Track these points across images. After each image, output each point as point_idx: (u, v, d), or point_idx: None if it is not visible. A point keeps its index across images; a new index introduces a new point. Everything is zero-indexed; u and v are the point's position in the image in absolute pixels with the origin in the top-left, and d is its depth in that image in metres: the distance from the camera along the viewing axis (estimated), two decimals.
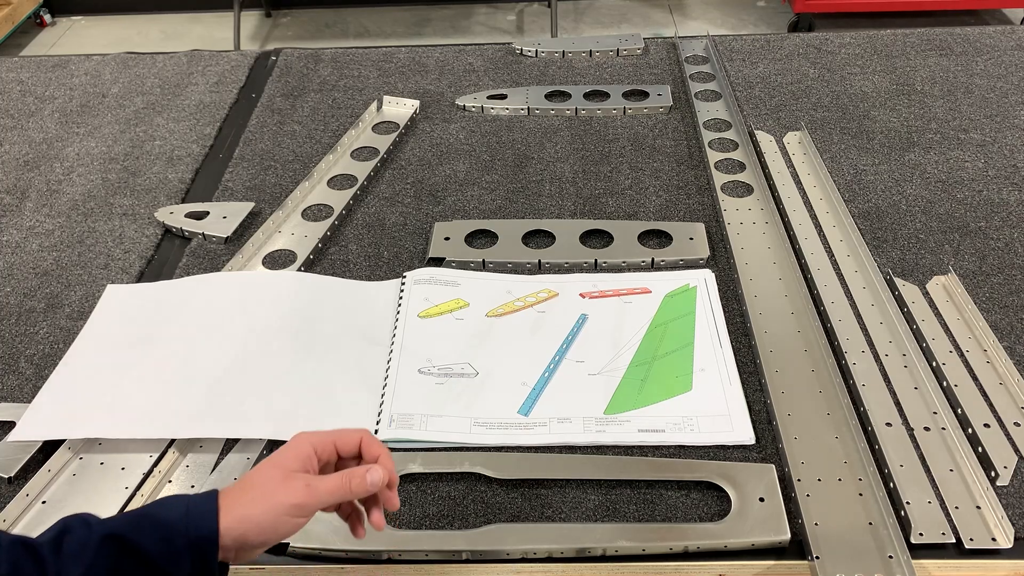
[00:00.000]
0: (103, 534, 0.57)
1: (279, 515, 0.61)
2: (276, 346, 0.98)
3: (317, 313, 1.03)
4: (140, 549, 0.57)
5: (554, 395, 0.92)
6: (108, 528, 0.58)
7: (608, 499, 0.82)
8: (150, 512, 0.60)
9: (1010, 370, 0.92)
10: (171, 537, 0.58)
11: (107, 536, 0.57)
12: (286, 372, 0.95)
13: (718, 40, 1.60)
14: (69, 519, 0.59)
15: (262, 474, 0.63)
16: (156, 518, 0.59)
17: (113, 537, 0.57)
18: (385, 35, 3.42)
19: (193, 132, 1.40)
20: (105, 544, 0.57)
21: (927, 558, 0.76)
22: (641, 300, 1.03)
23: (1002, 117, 1.35)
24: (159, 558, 0.58)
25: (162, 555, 0.58)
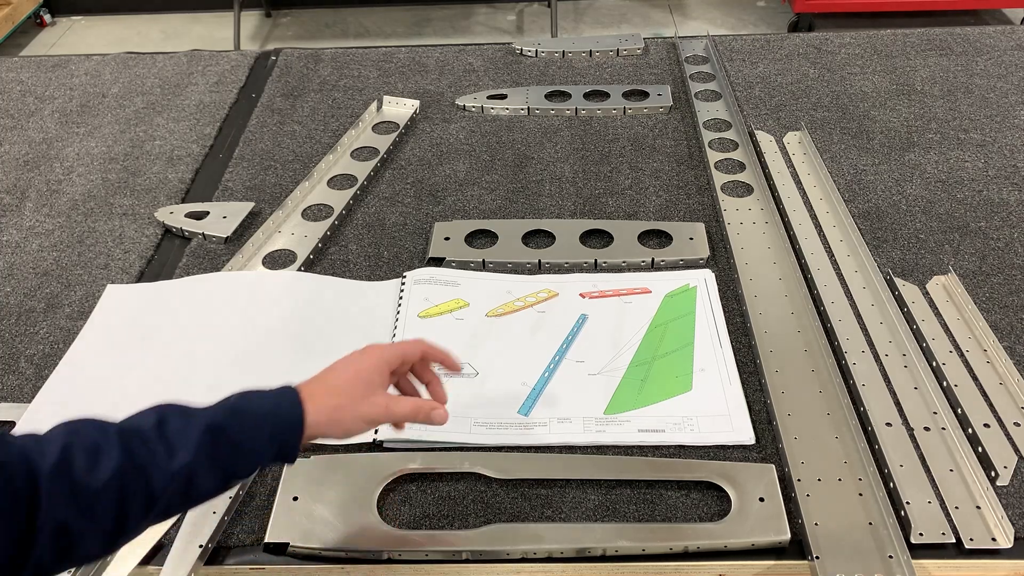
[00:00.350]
0: (204, 425, 0.62)
1: (356, 423, 0.70)
2: (276, 346, 0.98)
3: (317, 313, 1.03)
4: (234, 439, 0.63)
5: (554, 395, 0.92)
6: (208, 419, 0.63)
7: (608, 499, 0.82)
8: (241, 407, 0.66)
9: (1010, 370, 0.92)
10: (261, 428, 0.65)
11: (208, 426, 0.62)
12: (286, 372, 0.95)
13: (718, 40, 1.60)
14: (162, 408, 0.64)
15: (347, 383, 0.71)
16: (248, 410, 0.66)
17: (213, 428, 0.63)
18: (385, 35, 3.42)
19: (193, 132, 1.40)
20: (206, 434, 0.62)
21: (927, 558, 0.76)
22: (641, 300, 1.03)
23: (1002, 117, 1.35)
24: (250, 447, 0.65)
25: (253, 445, 0.65)
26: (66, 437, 0.58)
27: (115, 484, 0.58)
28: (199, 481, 0.62)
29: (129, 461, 0.59)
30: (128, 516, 0.59)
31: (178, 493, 0.61)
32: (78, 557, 0.58)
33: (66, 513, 0.56)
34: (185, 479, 0.61)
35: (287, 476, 0.83)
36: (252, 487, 0.84)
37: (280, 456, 0.67)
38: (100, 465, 0.57)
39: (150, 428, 0.61)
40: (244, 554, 0.79)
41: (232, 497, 0.81)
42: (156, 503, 0.60)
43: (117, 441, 0.59)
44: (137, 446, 0.60)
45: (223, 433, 0.63)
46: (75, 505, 0.56)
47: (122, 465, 0.58)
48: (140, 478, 0.59)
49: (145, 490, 0.59)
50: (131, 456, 0.59)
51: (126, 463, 0.58)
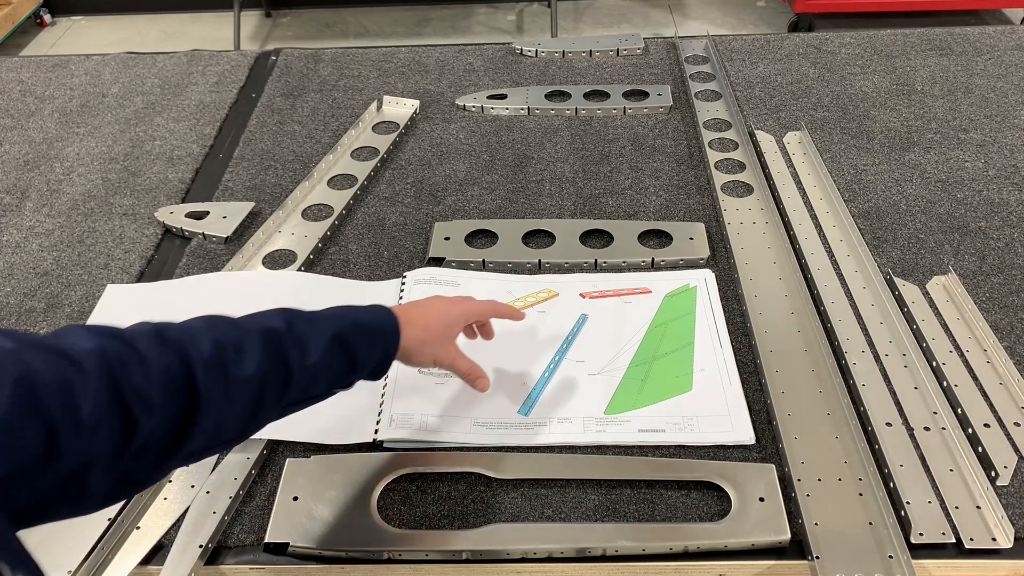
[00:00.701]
0: (331, 334, 0.69)
1: (427, 360, 0.81)
2: None
3: None
4: (352, 350, 0.71)
5: (554, 395, 0.92)
6: (333, 329, 0.70)
7: (608, 499, 0.82)
8: (361, 320, 0.73)
9: (1010, 370, 0.92)
10: (373, 342, 0.74)
11: (334, 335, 0.69)
12: None
13: (718, 40, 1.60)
14: (288, 313, 0.69)
15: (435, 323, 0.81)
16: (366, 326, 0.73)
17: (338, 337, 0.70)
18: (385, 35, 3.42)
19: (193, 132, 1.40)
20: (332, 342, 0.69)
21: (927, 558, 0.76)
22: (641, 300, 1.03)
23: (1002, 117, 1.35)
24: (362, 358, 0.72)
25: (364, 356, 0.73)
26: (214, 332, 0.63)
27: (257, 378, 0.63)
28: (319, 383, 0.69)
29: (269, 358, 0.64)
30: (263, 408, 0.65)
31: (302, 391, 0.68)
32: (219, 445, 0.65)
33: (219, 403, 0.61)
34: (311, 378, 0.68)
35: (287, 476, 0.83)
36: (252, 487, 0.84)
37: (375, 372, 0.75)
38: (246, 360, 0.63)
39: (284, 330, 0.67)
40: (244, 554, 0.79)
41: (232, 497, 0.81)
42: (284, 398, 0.66)
43: (258, 339, 0.65)
44: (276, 345, 0.65)
45: (345, 343, 0.70)
46: (226, 396, 0.61)
47: (263, 361, 0.64)
48: (278, 373, 0.65)
49: (280, 385, 0.65)
50: (271, 353, 0.65)
51: (267, 359, 0.64)
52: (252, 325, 0.66)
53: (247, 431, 0.66)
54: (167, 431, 0.57)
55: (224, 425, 0.62)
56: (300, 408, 0.71)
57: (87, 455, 0.52)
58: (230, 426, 0.63)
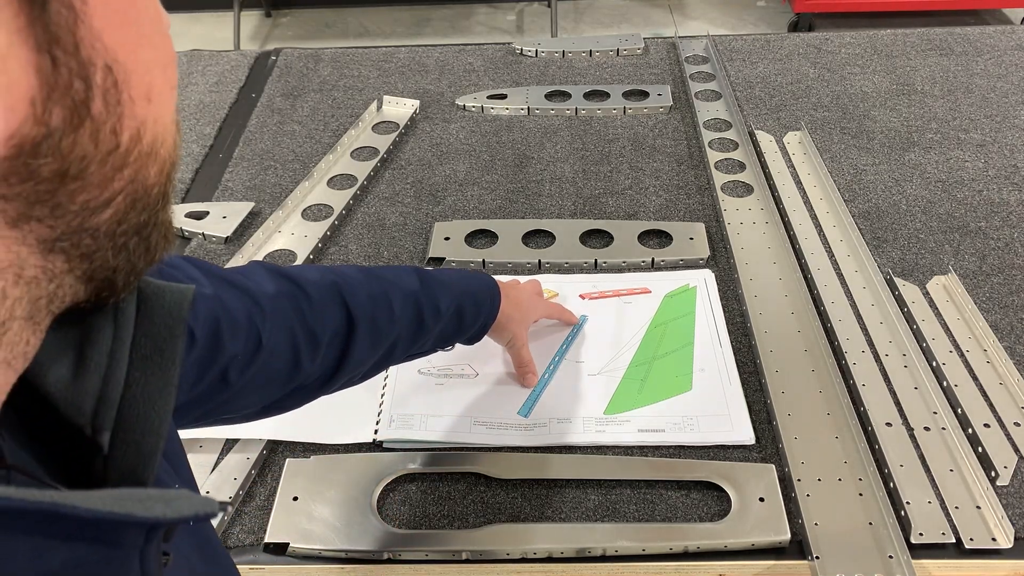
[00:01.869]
0: (454, 305, 0.75)
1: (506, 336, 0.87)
2: None
3: None
4: (464, 317, 0.77)
5: (554, 395, 0.92)
6: (458, 301, 0.76)
7: (608, 499, 0.82)
8: (474, 290, 0.80)
9: (1010, 370, 0.92)
10: (479, 313, 0.80)
11: (456, 307, 0.76)
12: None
13: (718, 40, 1.60)
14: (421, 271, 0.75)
15: (524, 306, 0.89)
16: (477, 296, 0.80)
17: (457, 309, 0.76)
18: (385, 35, 3.42)
19: (193, 132, 1.40)
20: (452, 313, 0.75)
21: (927, 558, 0.76)
22: (641, 300, 1.03)
23: (1002, 117, 1.35)
24: (467, 324, 0.79)
25: (469, 323, 0.79)
26: (368, 286, 0.69)
27: (397, 332, 0.70)
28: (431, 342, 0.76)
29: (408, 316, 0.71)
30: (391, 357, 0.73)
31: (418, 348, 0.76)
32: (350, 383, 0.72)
33: (364, 351, 0.68)
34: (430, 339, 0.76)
35: (287, 476, 0.83)
36: (252, 487, 0.84)
37: (472, 337, 0.82)
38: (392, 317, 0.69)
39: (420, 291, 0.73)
40: (244, 554, 0.79)
41: (232, 497, 0.81)
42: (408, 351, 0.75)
43: (402, 298, 0.71)
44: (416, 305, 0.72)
45: (461, 310, 0.77)
46: (371, 345, 0.68)
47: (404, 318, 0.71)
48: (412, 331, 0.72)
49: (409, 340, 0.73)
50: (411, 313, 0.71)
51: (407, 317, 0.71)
52: (398, 282, 0.72)
53: (371, 374, 0.74)
54: (322, 372, 0.65)
55: (361, 367, 0.69)
56: (408, 360, 0.79)
57: (255, 382, 0.60)
58: (364, 369, 0.70)
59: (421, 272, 0.75)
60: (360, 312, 0.66)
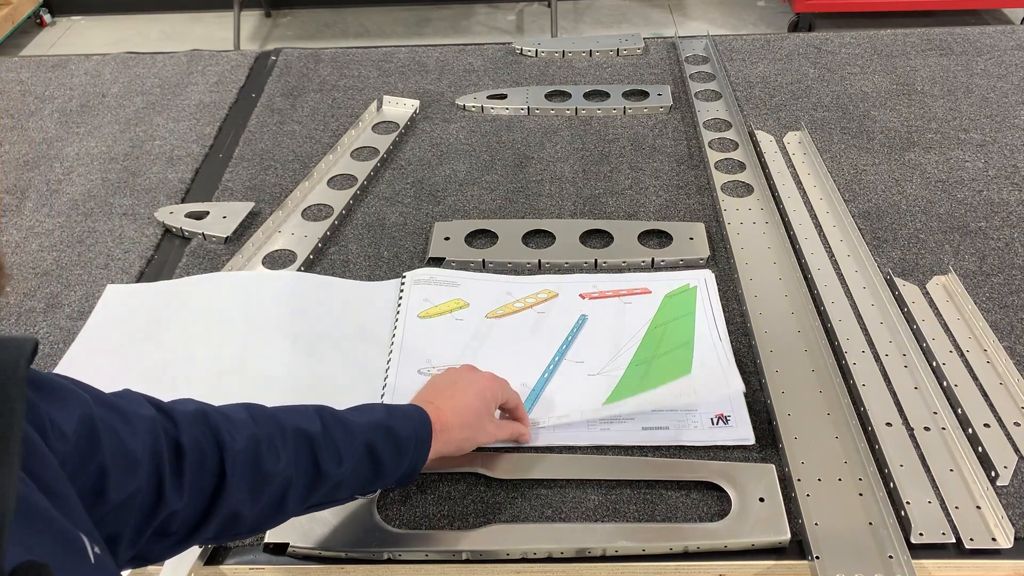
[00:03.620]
0: (364, 441, 0.68)
1: (470, 446, 0.79)
2: (276, 346, 0.98)
3: (317, 313, 1.03)
4: (381, 459, 0.69)
5: (554, 395, 0.92)
6: (367, 436, 0.68)
7: (608, 499, 0.82)
8: (393, 428, 0.70)
9: (1010, 370, 0.92)
10: (402, 453, 0.71)
11: (366, 444, 0.68)
12: (286, 372, 0.95)
13: (718, 40, 1.60)
14: (323, 414, 0.68)
15: (475, 417, 0.78)
16: (397, 435, 0.70)
17: (370, 446, 0.68)
18: (385, 35, 3.42)
19: (193, 132, 1.40)
20: (364, 450, 0.68)
21: (927, 558, 0.76)
22: (641, 300, 1.03)
23: (1002, 117, 1.35)
24: (389, 467, 0.70)
25: (391, 465, 0.70)
26: (253, 428, 0.63)
27: (284, 479, 0.63)
28: (344, 489, 0.68)
29: (298, 462, 0.64)
30: (285, 508, 0.65)
31: (326, 495, 0.67)
32: (233, 535, 0.64)
33: (242, 498, 0.61)
34: (336, 484, 0.67)
35: None
36: None
37: (402, 480, 0.73)
38: (277, 459, 0.63)
39: (318, 434, 0.66)
40: (244, 554, 0.79)
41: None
42: (309, 500, 0.66)
43: (292, 440, 0.64)
44: (308, 449, 0.65)
45: (375, 454, 0.69)
46: (250, 491, 0.61)
47: (292, 464, 0.63)
48: (304, 478, 0.65)
49: (305, 489, 0.65)
50: (301, 458, 0.64)
51: (296, 463, 0.64)
52: (289, 425, 0.65)
53: (262, 527, 0.67)
54: (189, 515, 0.58)
55: (241, 518, 0.62)
56: (324, 509, 0.72)
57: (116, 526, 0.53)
58: (247, 519, 0.62)
59: (328, 414, 0.69)
60: (237, 451, 0.60)
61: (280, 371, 0.95)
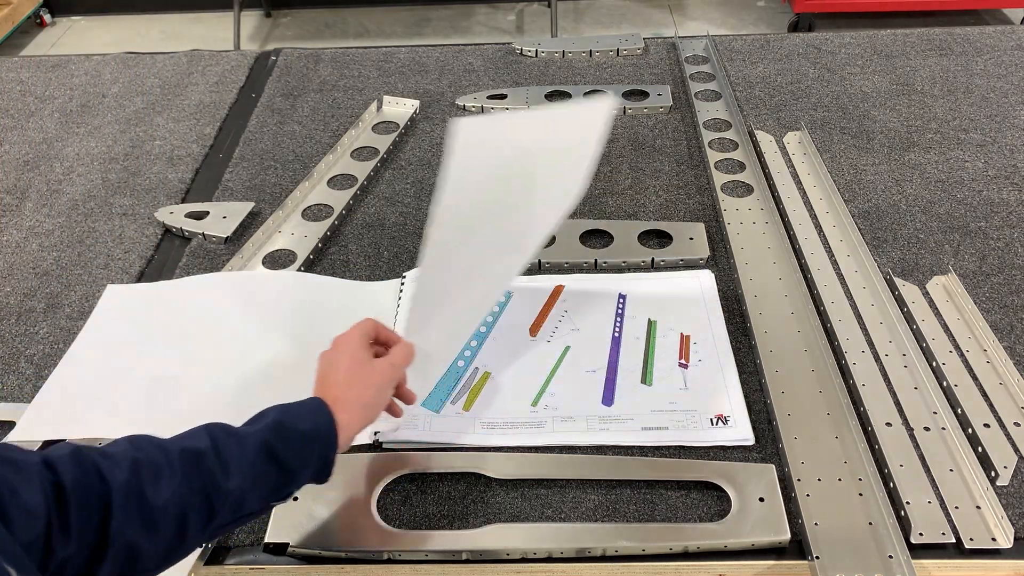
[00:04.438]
0: (256, 446, 0.65)
1: (381, 400, 0.75)
2: (276, 346, 0.98)
3: (317, 313, 1.03)
4: (283, 461, 0.66)
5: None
6: (259, 440, 0.65)
7: (608, 499, 0.82)
8: (286, 423, 0.68)
9: (1010, 370, 0.92)
10: (305, 447, 0.68)
11: (260, 448, 0.65)
12: (286, 372, 0.95)
13: (718, 40, 1.60)
14: (213, 429, 0.65)
15: (343, 368, 0.74)
16: (294, 429, 0.67)
17: (265, 449, 0.65)
18: (385, 35, 3.42)
19: (193, 132, 1.40)
20: (258, 455, 0.65)
21: (927, 558, 0.76)
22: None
23: (1002, 117, 1.35)
24: (297, 468, 0.67)
25: (299, 465, 0.67)
26: (134, 454, 0.61)
27: (178, 504, 0.60)
28: (250, 501, 0.65)
29: (190, 482, 0.61)
30: (187, 534, 0.62)
31: (231, 512, 0.64)
32: (139, 570, 0.60)
33: (134, 529, 0.58)
34: (238, 499, 0.64)
35: None
36: None
37: (318, 475, 0.70)
38: (164, 485, 0.60)
39: (207, 450, 0.63)
40: (244, 554, 0.79)
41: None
42: (212, 522, 0.63)
43: (179, 462, 0.62)
44: (197, 467, 0.62)
45: (274, 455, 0.66)
46: (142, 522, 0.59)
47: (184, 486, 0.61)
48: (200, 498, 0.62)
49: (204, 510, 0.62)
50: (192, 477, 0.62)
51: (187, 484, 0.61)
52: (175, 447, 0.63)
53: (172, 558, 0.63)
54: (80, 559, 0.56)
55: (141, 553, 0.59)
56: (236, 527, 0.69)
57: None
58: (148, 552, 0.59)
59: (219, 430, 0.66)
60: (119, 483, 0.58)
61: (280, 371, 0.95)
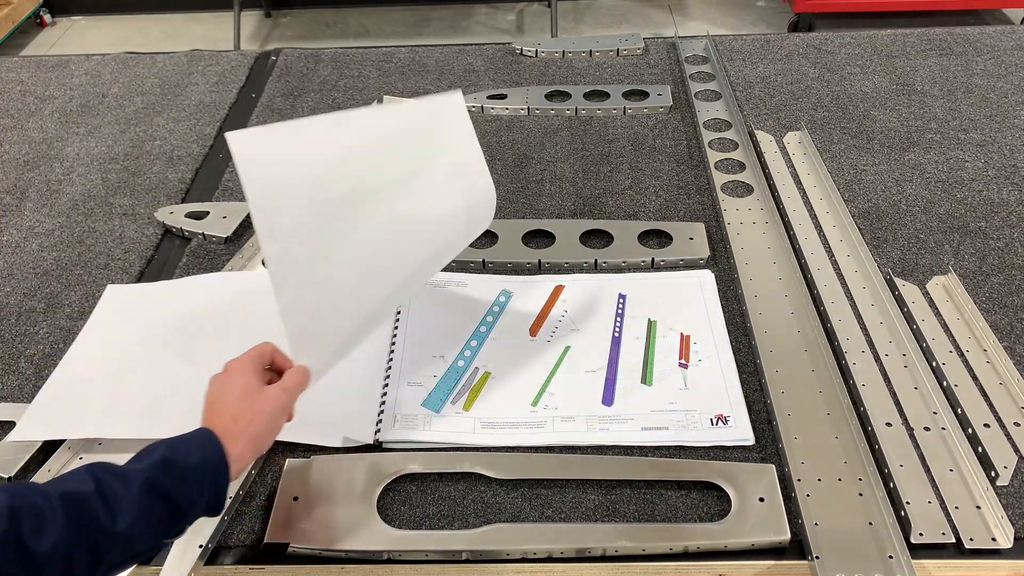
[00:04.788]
0: (141, 484, 0.63)
1: (274, 427, 0.72)
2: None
3: None
4: (172, 496, 0.64)
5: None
6: (144, 477, 0.63)
7: (608, 499, 0.82)
8: (174, 458, 0.66)
9: (1010, 370, 0.92)
10: (194, 481, 0.66)
11: (145, 485, 0.63)
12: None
13: (718, 40, 1.60)
14: (95, 470, 0.63)
15: (235, 397, 0.71)
16: (182, 464, 0.66)
17: (151, 486, 0.63)
18: (385, 35, 3.42)
19: (193, 132, 1.40)
20: (144, 493, 0.63)
21: (927, 558, 0.76)
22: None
23: (1002, 117, 1.35)
24: (187, 502, 0.65)
25: (189, 499, 0.65)
26: (10, 502, 0.58)
27: (62, 549, 0.58)
28: (139, 540, 0.63)
29: (73, 526, 0.59)
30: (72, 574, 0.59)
31: (121, 553, 0.62)
32: None
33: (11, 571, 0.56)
34: (126, 540, 0.62)
35: (287, 476, 0.83)
36: (252, 487, 0.84)
37: (210, 508, 0.68)
38: (46, 532, 0.58)
39: (90, 492, 0.61)
40: (244, 554, 0.79)
41: (232, 497, 0.81)
42: (100, 564, 0.61)
43: (61, 506, 0.59)
44: (80, 511, 0.60)
45: (161, 491, 0.64)
46: (25, 571, 0.56)
47: (67, 530, 0.59)
48: (84, 542, 0.59)
49: (90, 553, 0.60)
50: (75, 521, 0.59)
51: (70, 528, 0.59)
52: (56, 491, 0.60)
53: None
54: None
55: None
56: (130, 566, 0.66)
57: None
58: None
59: (102, 469, 0.63)
60: None
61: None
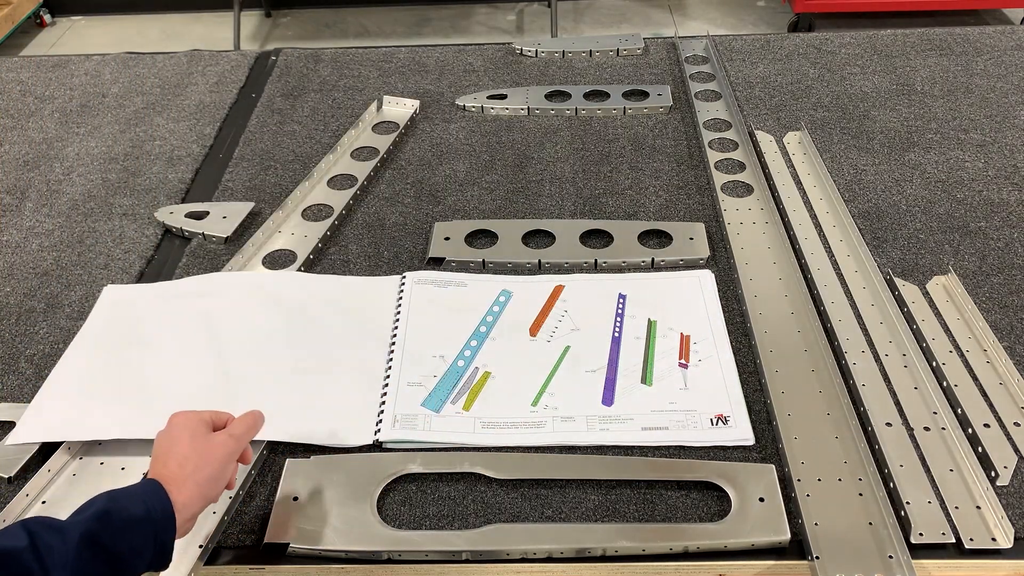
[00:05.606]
0: (78, 537, 0.61)
1: (225, 475, 0.71)
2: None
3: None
4: (112, 549, 0.62)
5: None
6: (81, 530, 0.61)
7: (608, 499, 0.82)
8: (113, 510, 0.63)
9: (1010, 370, 0.92)
10: (136, 533, 0.63)
11: (83, 539, 0.61)
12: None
13: (718, 40, 1.60)
14: (30, 525, 0.61)
15: (183, 444, 0.70)
16: (124, 516, 0.63)
17: (88, 539, 0.61)
18: (385, 35, 3.41)
19: (193, 132, 1.40)
20: (81, 548, 0.61)
21: (927, 558, 0.76)
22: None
23: (1002, 117, 1.35)
24: (128, 555, 0.63)
25: (131, 551, 0.63)
26: None
27: None
28: None
29: None
30: None
31: None
32: None
33: None
34: None
35: (287, 476, 0.83)
36: (252, 487, 0.84)
37: (155, 561, 0.65)
38: None
39: (24, 549, 0.59)
40: (244, 554, 0.79)
41: (232, 497, 0.81)
42: None
43: None
44: (10, 569, 0.58)
45: (99, 544, 0.61)
46: None
47: None
48: None
49: None
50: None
51: None
52: None
53: None
54: None
55: None
56: None
57: None
58: None
59: (36, 524, 0.61)
60: None
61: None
